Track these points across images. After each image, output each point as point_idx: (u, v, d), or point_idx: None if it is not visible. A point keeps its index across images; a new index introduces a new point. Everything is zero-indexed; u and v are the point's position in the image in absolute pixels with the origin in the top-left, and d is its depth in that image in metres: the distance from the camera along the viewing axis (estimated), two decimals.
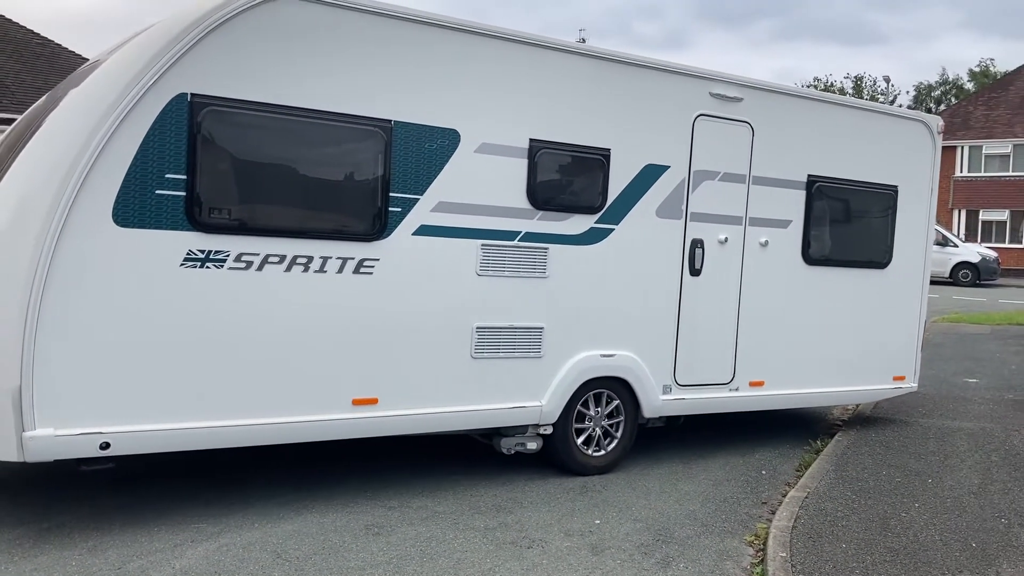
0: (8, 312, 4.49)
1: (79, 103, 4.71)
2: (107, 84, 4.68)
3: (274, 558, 4.71)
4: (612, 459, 6.58)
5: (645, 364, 6.56)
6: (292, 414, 5.24)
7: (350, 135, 5.35)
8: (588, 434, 6.48)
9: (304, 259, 5.19)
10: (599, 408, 6.52)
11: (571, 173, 6.20)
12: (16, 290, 4.48)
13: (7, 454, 4.57)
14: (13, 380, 4.49)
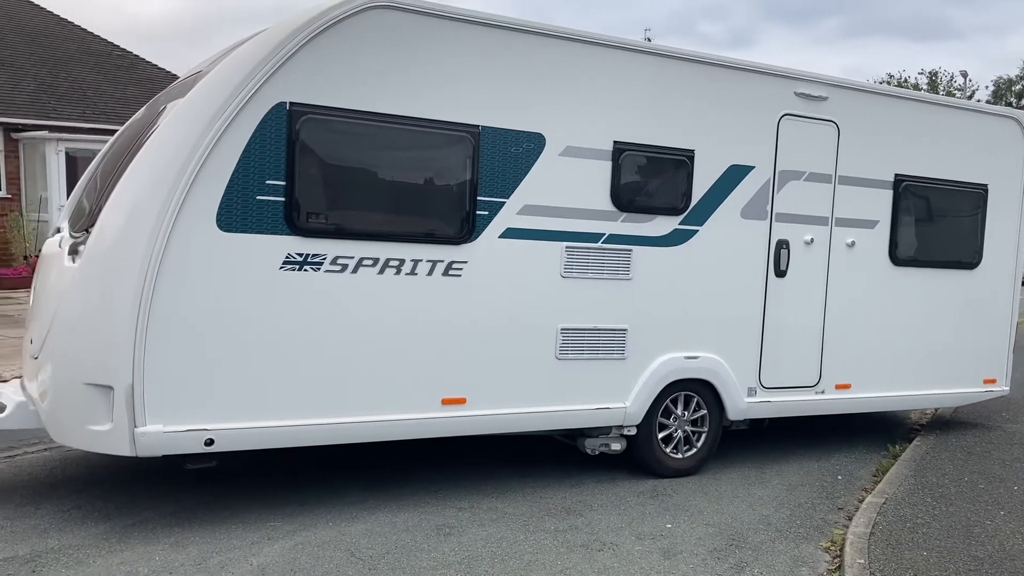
0: (121, 313, 4.70)
1: (184, 114, 4.90)
2: (210, 95, 4.87)
3: (348, 556, 4.82)
4: (696, 461, 6.58)
5: (729, 366, 6.55)
6: (385, 412, 5.36)
7: (439, 141, 5.46)
8: (672, 436, 6.48)
9: (396, 262, 5.31)
10: (684, 410, 6.51)
11: (655, 175, 6.22)
12: (128, 292, 4.69)
13: (120, 449, 4.78)
14: (126, 378, 4.70)
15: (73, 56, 19.22)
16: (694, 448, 6.58)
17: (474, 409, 5.62)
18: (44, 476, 5.93)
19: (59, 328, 5.03)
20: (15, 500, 5.41)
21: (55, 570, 4.46)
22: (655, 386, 6.26)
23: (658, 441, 6.41)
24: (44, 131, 16.31)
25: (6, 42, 18.38)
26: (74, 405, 4.90)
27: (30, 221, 16.29)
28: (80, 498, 5.49)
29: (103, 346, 4.77)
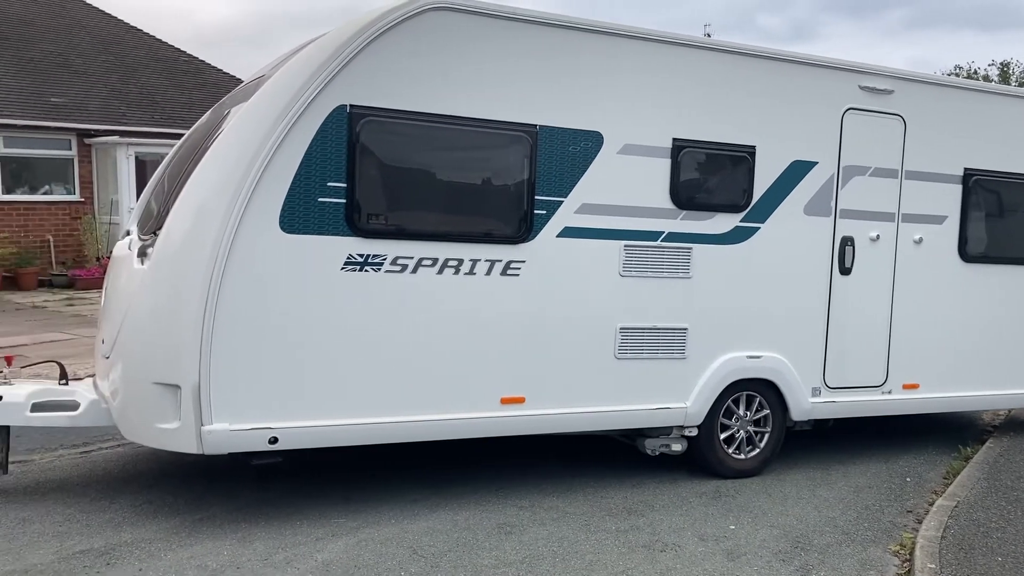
0: (188, 314, 4.83)
1: (248, 118, 5.01)
2: (273, 99, 4.97)
3: (410, 554, 4.87)
4: (759, 462, 6.49)
5: (793, 366, 6.44)
6: (445, 411, 5.41)
7: (497, 140, 5.48)
8: (734, 437, 6.41)
9: (455, 262, 5.35)
10: (746, 410, 6.43)
11: (715, 172, 6.15)
12: (195, 294, 4.82)
13: (188, 446, 4.91)
14: (193, 377, 4.82)
15: (142, 63, 19.77)
16: (757, 449, 6.49)
17: (533, 409, 5.63)
18: (117, 472, 6.12)
19: (129, 328, 5.18)
20: (90, 494, 5.60)
21: (128, 563, 4.61)
22: (716, 386, 6.19)
23: (720, 442, 6.34)
24: (115, 136, 16.81)
25: (80, 50, 19.00)
26: (144, 403, 5.05)
27: (102, 223, 16.82)
28: (151, 493, 5.66)
29: (171, 346, 4.90)
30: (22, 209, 16.46)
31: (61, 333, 11.33)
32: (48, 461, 6.29)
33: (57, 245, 16.77)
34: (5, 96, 16.50)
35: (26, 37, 18.47)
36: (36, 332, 11.39)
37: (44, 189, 16.91)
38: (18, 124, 16.13)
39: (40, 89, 17.17)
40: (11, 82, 16.96)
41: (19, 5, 19.29)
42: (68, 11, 20.09)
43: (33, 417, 5.44)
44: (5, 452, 5.60)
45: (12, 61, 17.52)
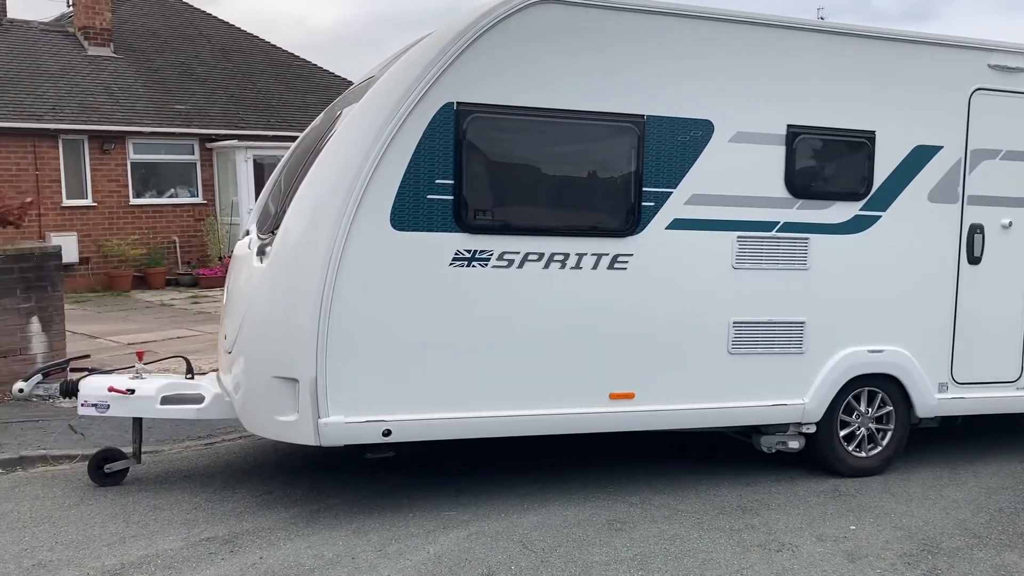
0: (304, 310, 4.98)
1: (358, 118, 5.13)
2: (381, 99, 5.06)
3: (520, 548, 4.88)
4: (881, 461, 6.23)
5: (918, 360, 6.15)
6: (553, 406, 5.40)
7: (604, 132, 5.43)
8: (855, 434, 6.17)
9: (561, 256, 5.33)
10: (867, 407, 6.18)
11: (832, 159, 5.93)
12: (311, 291, 4.96)
13: (306, 438, 5.07)
14: (310, 371, 4.97)
15: (259, 69, 20.53)
16: (879, 447, 6.23)
17: (642, 404, 5.56)
18: (239, 463, 6.37)
19: (249, 324, 5.38)
20: (214, 484, 5.85)
21: (250, 551, 4.78)
22: (836, 381, 5.97)
23: (840, 439, 6.11)
24: (234, 140, 17.53)
25: (201, 59, 19.87)
26: (264, 397, 5.23)
27: (223, 224, 17.56)
28: (271, 484, 5.86)
29: (289, 341, 5.06)
30: (150, 212, 17.35)
31: (187, 329, 11.89)
32: (176, 452, 6.61)
33: (182, 245, 17.61)
34: (134, 105, 17.42)
35: (152, 48, 19.45)
36: (164, 329, 11.99)
37: (170, 193, 17.78)
38: (146, 131, 17.00)
39: (165, 97, 18.06)
40: (140, 91, 17.89)
41: (145, 18, 20.32)
42: (191, 22, 21.04)
43: (162, 410, 5.72)
44: (138, 443, 5.92)
45: (140, 72, 18.48)
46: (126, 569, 4.55)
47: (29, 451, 6.39)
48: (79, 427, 6.98)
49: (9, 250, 8.34)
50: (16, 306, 8.22)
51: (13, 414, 7.42)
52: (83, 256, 16.33)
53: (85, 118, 16.48)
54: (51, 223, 16.06)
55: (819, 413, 5.96)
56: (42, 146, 15.99)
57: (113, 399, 5.65)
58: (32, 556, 4.72)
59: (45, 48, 17.88)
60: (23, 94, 16.32)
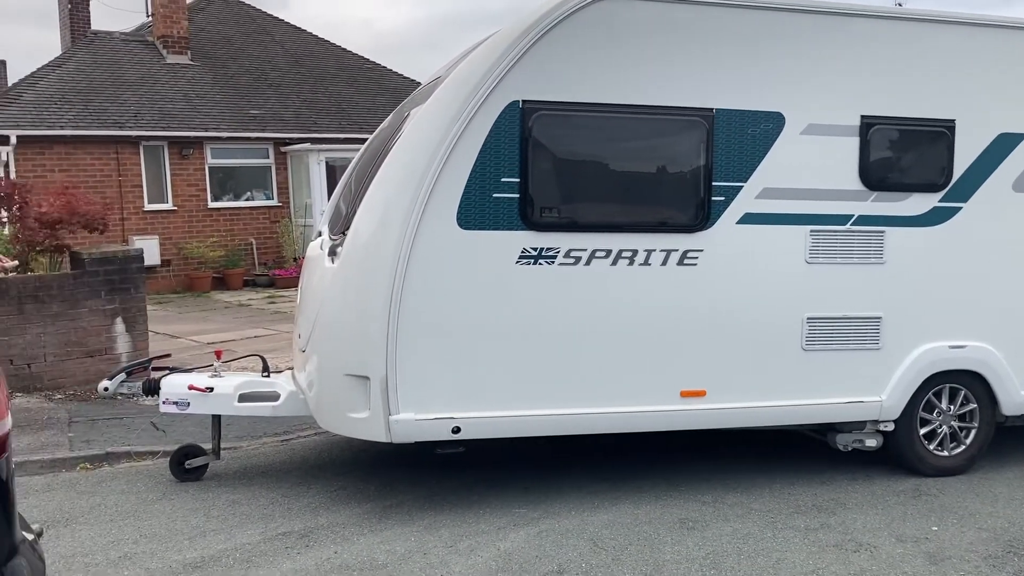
0: (374, 310, 5.06)
1: (424, 119, 5.19)
2: (447, 100, 5.11)
3: (591, 546, 4.86)
4: (964, 460, 6.04)
5: (1003, 356, 5.93)
6: (623, 404, 5.39)
7: (671, 127, 5.39)
8: (936, 432, 5.99)
9: (629, 252, 5.30)
10: (949, 404, 5.99)
11: (909, 149, 5.77)
12: (380, 290, 5.04)
13: (377, 435, 5.16)
14: (380, 369, 5.05)
15: (330, 72, 20.89)
16: (962, 445, 6.03)
17: (714, 402, 5.50)
18: (313, 459, 6.51)
19: (322, 324, 5.50)
20: (290, 480, 5.99)
21: (325, 545, 4.89)
22: (915, 378, 5.81)
23: (919, 437, 5.94)
24: (307, 143, 17.87)
25: (274, 64, 20.32)
26: (336, 394, 5.33)
27: (297, 225, 17.93)
28: (344, 480, 5.97)
29: (360, 340, 5.16)
30: (228, 215, 17.82)
31: (264, 329, 12.18)
32: (253, 448, 6.79)
33: (259, 247, 18.05)
34: (211, 110, 17.91)
35: (227, 54, 19.96)
36: (242, 328, 12.31)
37: (246, 196, 18.23)
38: (223, 136, 17.46)
39: (241, 102, 18.52)
40: (217, 97, 18.39)
41: (220, 25, 20.86)
42: (263, 28, 21.52)
43: (240, 407, 5.89)
44: (217, 439, 6.10)
45: (216, 78, 18.99)
46: (207, 562, 4.69)
47: (115, 447, 6.65)
48: (161, 424, 7.23)
49: (94, 253, 8.68)
50: (101, 307, 8.55)
51: (99, 412, 7.72)
52: (164, 258, 16.87)
53: (164, 125, 17.02)
54: (133, 227, 16.63)
55: (897, 411, 5.81)
56: (124, 152, 16.57)
57: (193, 397, 5.83)
58: (118, 548, 4.91)
59: (126, 57, 18.51)
60: (107, 103, 16.93)
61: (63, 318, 8.32)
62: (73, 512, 5.45)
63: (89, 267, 8.51)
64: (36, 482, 6.00)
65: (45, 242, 8.94)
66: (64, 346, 8.35)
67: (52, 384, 8.28)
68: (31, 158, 15.53)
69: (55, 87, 16.91)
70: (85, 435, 6.99)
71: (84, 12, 21.47)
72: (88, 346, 8.46)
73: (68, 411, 7.72)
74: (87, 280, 8.47)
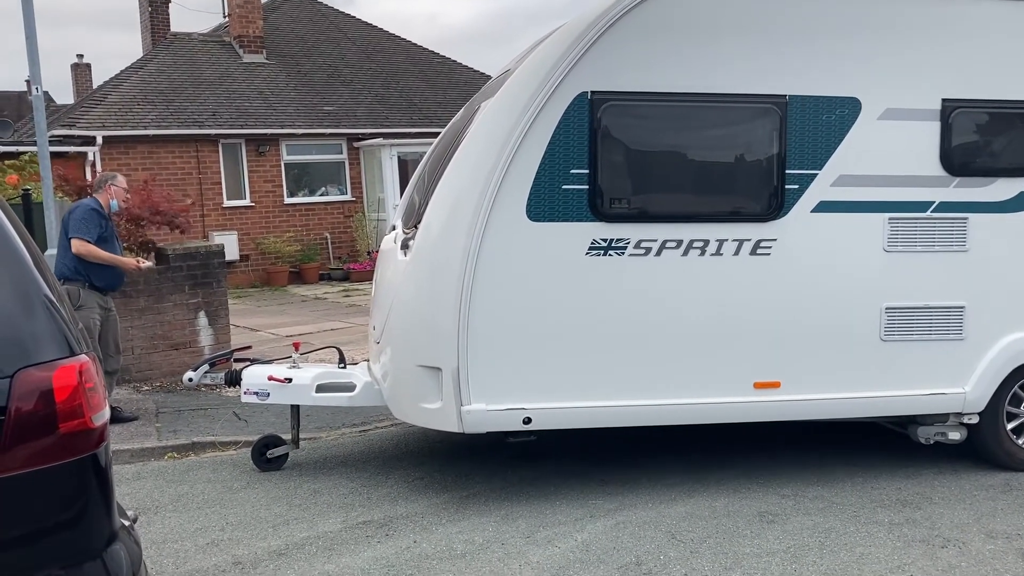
0: (447, 301, 5.16)
1: (494, 112, 5.26)
2: (516, 92, 5.17)
3: (669, 538, 4.85)
4: None
5: None
6: (695, 395, 5.37)
7: (743, 115, 5.35)
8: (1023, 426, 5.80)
9: (700, 243, 5.28)
10: None
11: (994, 132, 5.61)
12: (452, 281, 5.13)
13: (449, 425, 5.26)
14: (452, 361, 5.15)
15: (401, 67, 21.13)
16: None
17: (789, 394, 5.44)
18: (391, 449, 6.65)
19: (395, 316, 5.62)
20: (369, 470, 6.13)
21: (404, 535, 4.98)
22: (1000, 369, 5.63)
23: (1006, 431, 5.77)
24: (379, 138, 18.13)
25: (347, 60, 20.65)
26: (409, 385, 5.45)
27: (370, 220, 18.22)
28: (421, 470, 6.09)
29: (432, 332, 5.26)
30: (303, 210, 18.22)
31: (339, 322, 12.43)
32: (332, 439, 6.96)
33: (334, 242, 18.40)
34: (286, 108, 18.31)
35: (301, 52, 20.36)
36: (319, 321, 12.59)
37: (320, 191, 18.61)
38: (298, 133, 17.84)
39: (314, 99, 18.88)
40: (291, 94, 18.79)
41: (293, 24, 21.28)
42: (335, 25, 21.87)
43: (318, 397, 6.06)
44: (296, 429, 6.27)
45: (291, 76, 19.39)
46: (291, 549, 4.80)
47: (200, 437, 6.90)
48: (243, 415, 7.47)
49: (178, 249, 8.98)
50: (185, 301, 8.85)
51: (185, 403, 8.02)
52: (243, 253, 17.34)
53: (242, 123, 17.48)
54: (213, 223, 17.13)
55: (982, 403, 5.65)
56: (204, 151, 17.08)
57: (273, 387, 6.01)
58: (206, 535, 5.08)
59: (204, 58, 19.05)
60: (186, 102, 17.47)
61: (149, 312, 8.63)
62: (162, 500, 5.67)
63: (173, 262, 8.81)
64: (127, 471, 6.27)
65: (130, 239, 9.28)
66: (151, 339, 8.66)
67: (140, 376, 8.62)
68: (116, 158, 16.13)
69: (137, 88, 17.52)
70: (172, 425, 7.27)
71: (164, 15, 22.16)
72: (173, 339, 8.77)
73: (155, 402, 8.01)
74: (171, 275, 8.78)
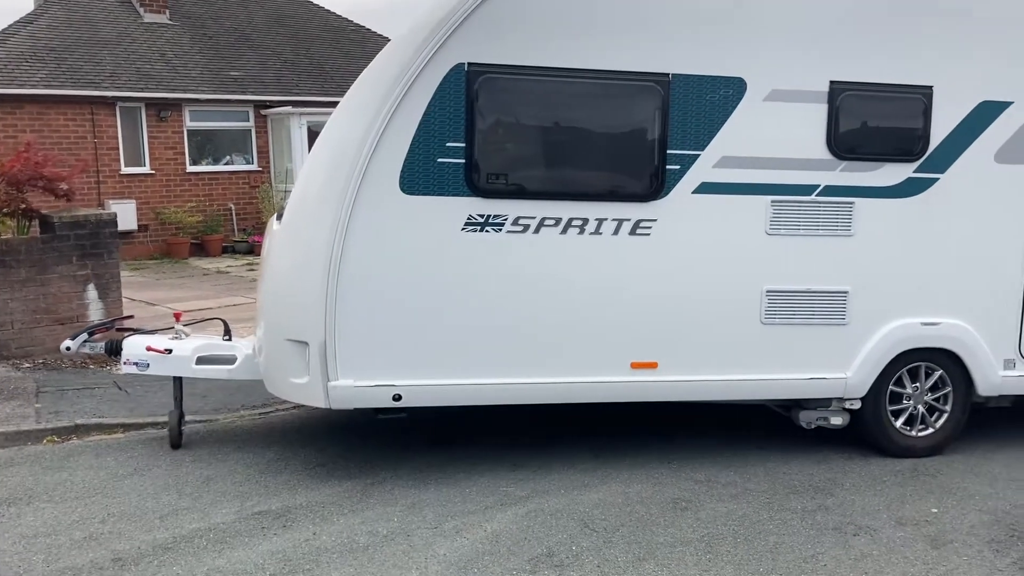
0: (314, 273, 5.10)
1: (366, 79, 5.20)
2: (389, 61, 5.12)
3: (581, 527, 4.83)
4: (937, 441, 6.02)
5: (980, 334, 5.86)
6: (571, 374, 5.41)
7: (624, 93, 5.36)
8: (907, 411, 5.97)
9: (579, 221, 5.29)
10: (922, 384, 5.95)
11: (882, 116, 5.68)
12: (320, 253, 5.07)
13: (316, 400, 5.24)
14: (319, 335, 5.12)
15: (313, 34, 20.59)
16: (935, 426, 6.00)
17: (666, 374, 5.50)
18: (293, 433, 6.46)
19: (266, 288, 5.59)
20: (268, 456, 5.94)
21: (303, 526, 4.82)
22: (883, 355, 5.77)
23: (888, 417, 5.93)
24: (288, 106, 17.62)
25: (255, 24, 20.01)
26: (279, 359, 5.42)
27: (278, 191, 17.74)
28: (324, 456, 5.93)
29: (299, 305, 5.21)
30: (206, 179, 17.62)
31: (242, 296, 12.10)
32: (230, 421, 6.74)
33: (238, 213, 17.88)
34: (190, 72, 17.64)
35: (207, 14, 19.64)
36: (220, 296, 12.23)
37: (225, 160, 18.02)
38: (202, 98, 17.19)
39: (220, 64, 18.23)
40: (196, 58, 18.10)
41: None
42: None
43: (198, 369, 6.00)
44: (179, 402, 6.07)
45: (195, 38, 18.69)
46: (178, 543, 4.62)
47: (84, 419, 6.53)
48: (135, 393, 7.17)
49: (65, 217, 8.55)
50: (72, 273, 8.46)
51: (70, 381, 7.66)
52: (142, 223, 16.70)
53: (142, 85, 16.76)
54: (110, 191, 16.42)
55: (864, 388, 5.79)
56: (100, 114, 16.31)
57: (152, 358, 5.94)
58: (84, 528, 4.80)
59: (101, 15, 18.19)
60: (81, 62, 16.65)
61: (32, 284, 8.25)
62: (37, 489, 5.37)
63: (59, 231, 8.40)
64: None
65: (10, 204, 8.72)
66: (33, 313, 8.28)
67: (20, 352, 8.25)
68: (1, 118, 15.20)
69: (26, 44, 16.61)
70: (54, 406, 6.93)
71: None
72: (58, 313, 8.37)
73: (36, 381, 7.64)
74: (57, 245, 8.37)
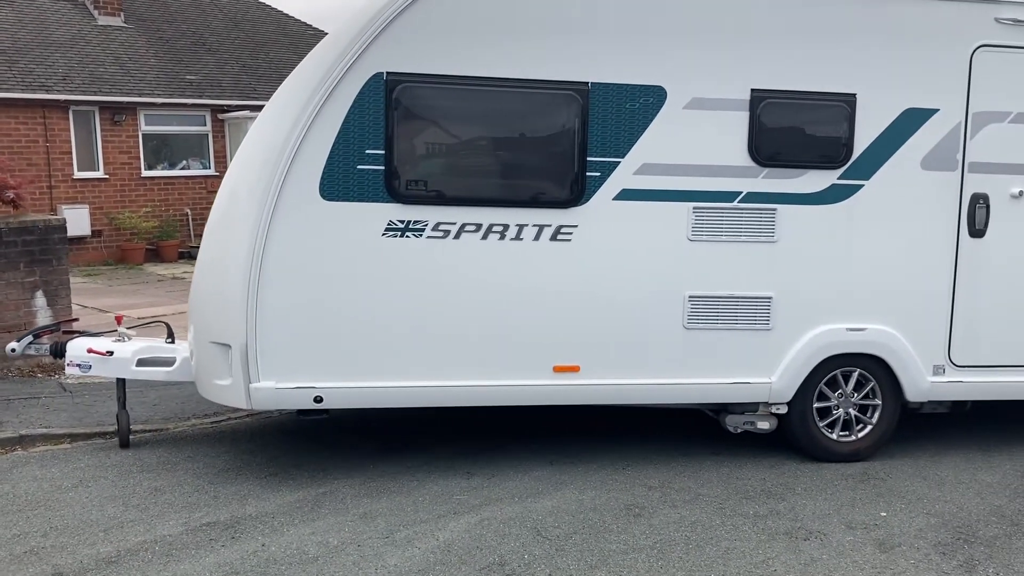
0: (234, 278, 5.21)
1: (287, 86, 5.34)
2: (311, 68, 5.24)
3: (534, 535, 4.86)
4: (865, 446, 6.07)
5: (907, 340, 5.90)
6: (493, 378, 5.52)
7: (543, 101, 5.46)
8: (834, 416, 6.03)
9: (500, 227, 5.40)
10: (850, 389, 6.01)
11: (805, 124, 5.76)
12: (241, 258, 5.17)
13: (238, 402, 5.35)
14: (240, 337, 5.23)
15: (271, 38, 20.54)
16: (862, 431, 6.04)
17: (589, 378, 5.60)
18: (244, 442, 6.44)
19: (193, 290, 5.71)
20: (218, 465, 5.92)
21: (252, 537, 4.78)
22: (808, 360, 5.84)
23: (815, 421, 6.01)
24: (246, 111, 17.51)
25: (213, 28, 19.88)
26: (205, 361, 5.55)
27: None
28: (275, 465, 5.91)
29: (221, 308, 5.33)
30: (162, 184, 17.49)
31: None
32: (180, 430, 6.72)
33: (195, 218, 17.74)
34: (145, 75, 17.48)
35: (163, 18, 19.51)
36: (175, 303, 12.14)
37: (182, 164, 17.89)
38: (157, 102, 17.03)
39: (176, 67, 18.08)
40: (152, 61, 17.97)
41: None
42: None
43: (138, 371, 6.09)
44: (122, 403, 6.17)
45: (151, 42, 18.55)
46: (122, 556, 4.55)
47: (29, 429, 6.46)
48: (84, 402, 7.12)
49: (12, 223, 8.42)
50: (20, 280, 8.35)
51: (16, 390, 7.57)
52: (95, 229, 16.54)
53: (96, 89, 16.60)
54: (62, 195, 16.24)
55: (789, 393, 5.86)
56: (52, 117, 16.13)
57: (94, 360, 6.05)
58: (24, 542, 4.73)
59: (54, 17, 18.00)
60: (32, 64, 16.45)
61: None
62: None
63: (6, 237, 8.29)
64: None
65: None
66: None
67: None
68: None
69: None
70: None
71: None
72: (5, 320, 8.26)
73: None
74: (4, 251, 8.27)
